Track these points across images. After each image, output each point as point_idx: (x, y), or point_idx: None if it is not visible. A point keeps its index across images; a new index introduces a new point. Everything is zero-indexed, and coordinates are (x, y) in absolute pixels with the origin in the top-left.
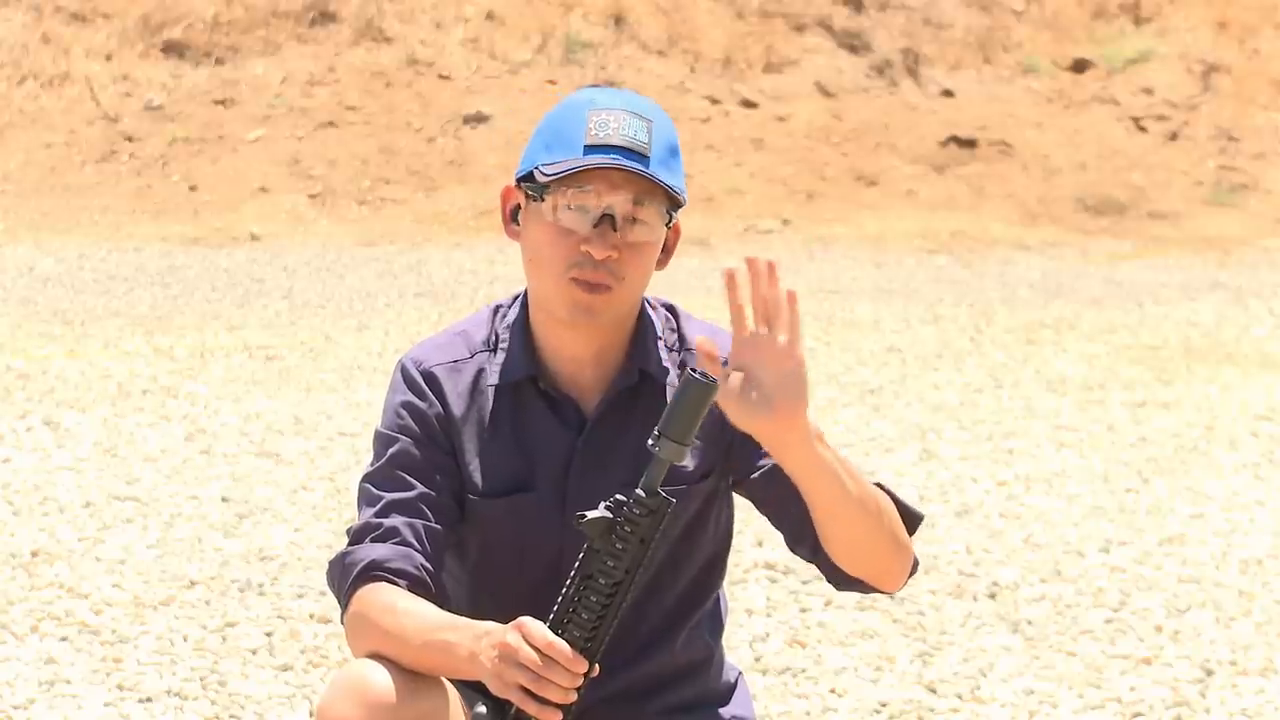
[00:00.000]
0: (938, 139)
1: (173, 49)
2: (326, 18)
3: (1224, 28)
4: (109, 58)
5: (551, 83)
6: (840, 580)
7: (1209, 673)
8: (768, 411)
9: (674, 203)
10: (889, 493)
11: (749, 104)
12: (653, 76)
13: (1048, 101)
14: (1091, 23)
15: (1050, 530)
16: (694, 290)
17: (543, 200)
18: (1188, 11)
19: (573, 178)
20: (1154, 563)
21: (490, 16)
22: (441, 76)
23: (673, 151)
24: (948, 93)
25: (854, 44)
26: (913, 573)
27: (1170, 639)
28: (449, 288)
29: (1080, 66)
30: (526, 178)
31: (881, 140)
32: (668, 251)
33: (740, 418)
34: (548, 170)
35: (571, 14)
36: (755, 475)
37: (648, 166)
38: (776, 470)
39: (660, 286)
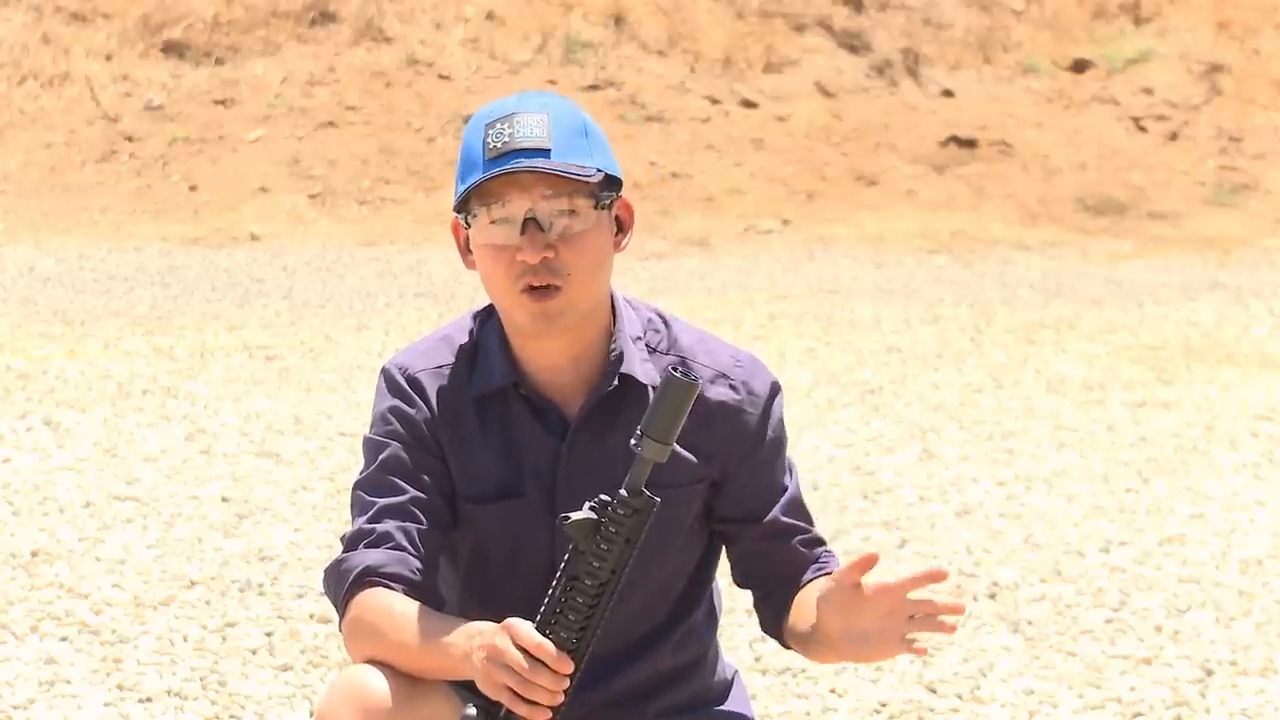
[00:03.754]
0: (938, 139)
1: (173, 49)
2: (326, 18)
3: (1224, 28)
4: (109, 58)
5: (552, 83)
6: (779, 639)
7: (1209, 673)
8: (859, 635)
9: (607, 183)
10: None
11: (749, 104)
12: (653, 76)
13: (1048, 101)
14: (1091, 23)
15: (1050, 530)
16: (694, 290)
17: (471, 225)
18: (1188, 11)
19: (488, 194)
20: (1154, 563)
21: (490, 16)
22: (441, 76)
23: (580, 133)
24: (948, 93)
25: (854, 44)
26: None
27: (1170, 639)
28: (449, 288)
29: (1080, 66)
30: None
31: (881, 140)
32: (623, 230)
33: (834, 617)
34: (459, 195)
35: (571, 14)
36: (759, 530)
37: (549, 158)
38: (783, 546)
39: (661, 286)
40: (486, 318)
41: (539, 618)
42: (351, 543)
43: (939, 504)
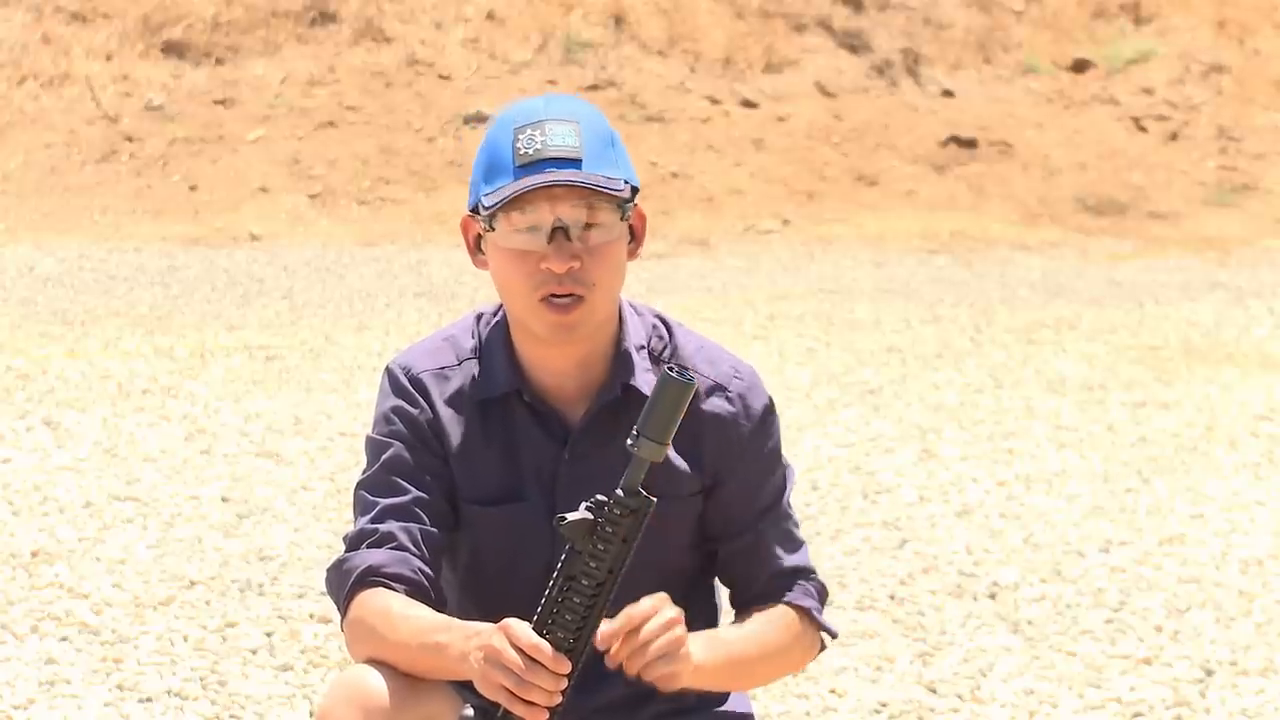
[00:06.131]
0: (938, 139)
1: (173, 49)
2: (326, 18)
3: (1224, 28)
4: (109, 58)
5: (552, 83)
6: None
7: (1209, 673)
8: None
9: (629, 194)
10: (808, 608)
11: (749, 104)
12: (653, 76)
13: (1048, 101)
14: (1091, 23)
15: (1050, 530)
16: (694, 290)
17: (494, 229)
18: (1188, 11)
19: (514, 201)
20: (1154, 563)
21: (490, 16)
22: (441, 76)
23: (609, 142)
24: (948, 93)
25: (854, 44)
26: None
27: (1170, 639)
28: (449, 288)
29: (1080, 66)
30: (476, 209)
31: (881, 140)
32: (637, 239)
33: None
34: (488, 201)
35: (571, 14)
36: (725, 552)
37: (581, 169)
38: (758, 573)
39: (661, 286)
40: (490, 319)
41: (536, 618)
42: (354, 543)
43: (939, 504)
